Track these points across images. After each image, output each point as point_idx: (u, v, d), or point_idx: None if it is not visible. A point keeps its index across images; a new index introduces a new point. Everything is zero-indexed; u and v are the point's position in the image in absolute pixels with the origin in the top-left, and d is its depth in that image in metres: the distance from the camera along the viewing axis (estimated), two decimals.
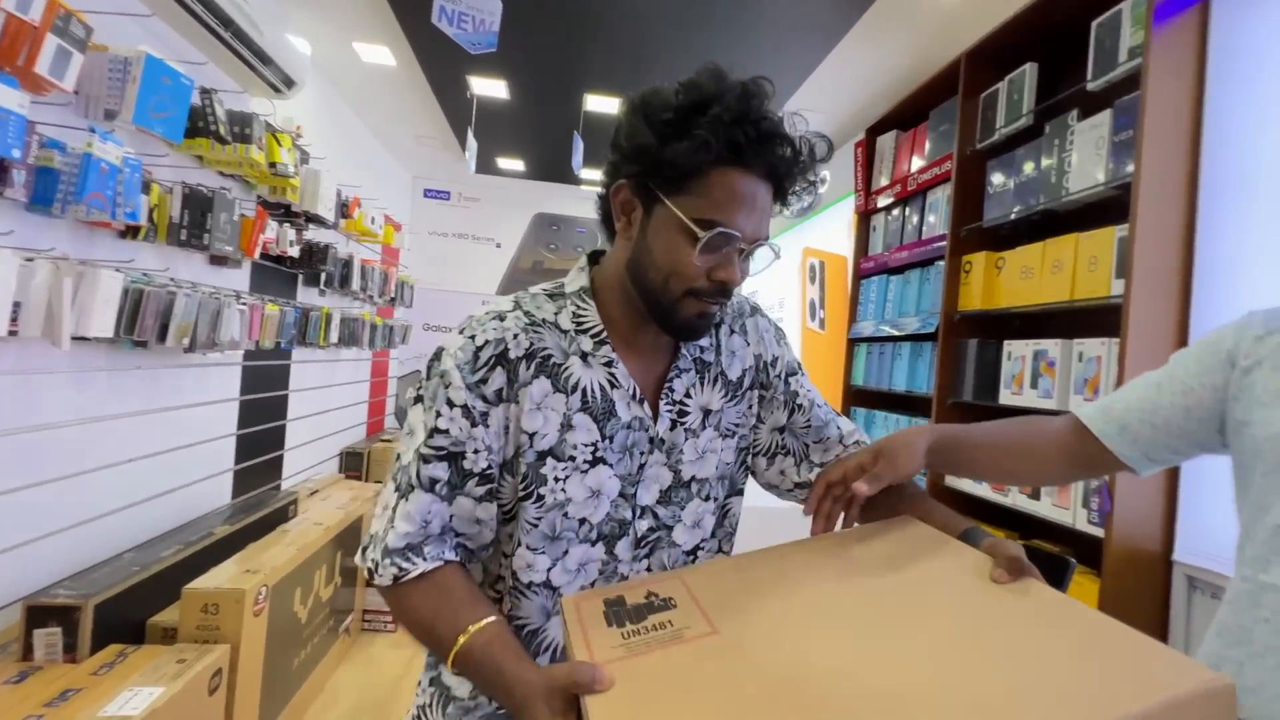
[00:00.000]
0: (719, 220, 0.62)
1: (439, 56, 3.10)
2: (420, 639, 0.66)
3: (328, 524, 2.40)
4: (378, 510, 0.69)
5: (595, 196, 0.74)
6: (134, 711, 1.33)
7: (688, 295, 0.65)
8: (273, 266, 2.85)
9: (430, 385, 0.67)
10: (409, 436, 0.68)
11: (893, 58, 2.71)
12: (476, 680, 0.63)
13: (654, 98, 0.64)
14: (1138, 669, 0.43)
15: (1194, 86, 1.40)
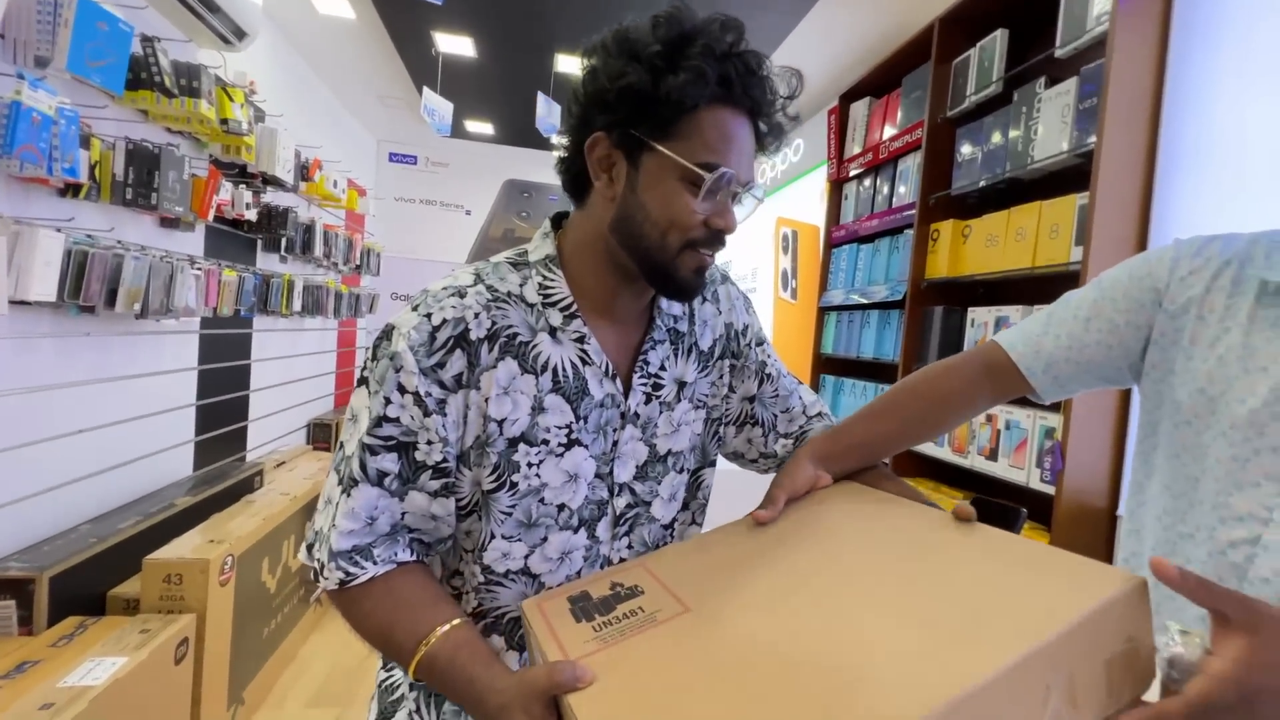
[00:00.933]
0: (717, 162, 0.59)
1: (400, 9, 2.96)
2: (377, 647, 0.62)
3: (295, 494, 2.36)
4: (320, 503, 0.63)
5: (557, 159, 0.68)
6: (95, 681, 1.30)
7: (686, 248, 0.61)
8: (229, 230, 2.73)
9: (378, 368, 0.60)
10: (352, 423, 0.62)
11: (867, 22, 2.68)
12: (444, 690, 0.58)
13: (631, 33, 0.59)
14: (1074, 581, 0.48)
15: (1157, 56, 1.42)
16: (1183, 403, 0.64)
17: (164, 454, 2.39)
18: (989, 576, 0.51)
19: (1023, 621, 0.44)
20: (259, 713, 2.03)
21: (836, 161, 2.73)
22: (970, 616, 0.46)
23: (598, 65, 0.61)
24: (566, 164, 0.66)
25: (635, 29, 0.60)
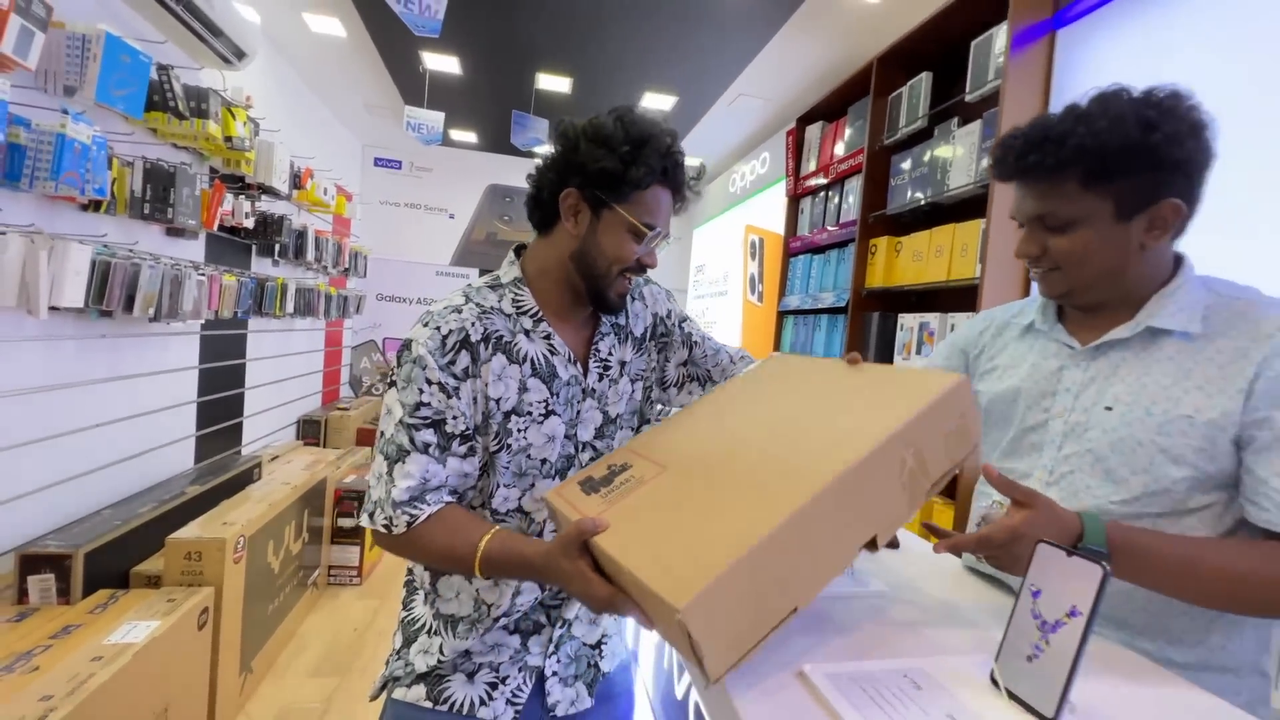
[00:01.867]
0: (655, 223, 0.85)
1: (390, 29, 3.15)
2: (441, 564, 0.81)
3: (294, 483, 2.55)
4: (371, 482, 0.80)
5: (528, 198, 0.90)
6: (136, 639, 1.50)
7: (620, 276, 0.86)
8: (227, 238, 2.90)
9: (404, 370, 0.80)
10: (388, 415, 0.81)
11: (818, 54, 2.94)
12: (503, 571, 0.76)
13: (604, 129, 0.81)
14: (922, 382, 0.72)
15: (1041, 104, 1.69)
16: (984, 407, 0.96)
17: (169, 447, 2.56)
18: (865, 391, 0.76)
19: (885, 416, 0.67)
20: (265, 680, 2.22)
21: (794, 178, 2.99)
22: (850, 419, 0.71)
23: (579, 145, 0.82)
24: (539, 204, 0.88)
25: (607, 125, 0.82)
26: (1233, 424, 0.72)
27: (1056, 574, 0.64)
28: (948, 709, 0.61)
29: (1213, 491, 0.75)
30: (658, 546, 0.63)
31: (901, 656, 0.71)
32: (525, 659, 0.89)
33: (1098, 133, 0.71)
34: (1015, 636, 0.65)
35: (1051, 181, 0.75)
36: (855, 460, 0.62)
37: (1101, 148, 0.71)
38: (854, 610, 0.84)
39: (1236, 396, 0.72)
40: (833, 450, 0.66)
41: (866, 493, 0.64)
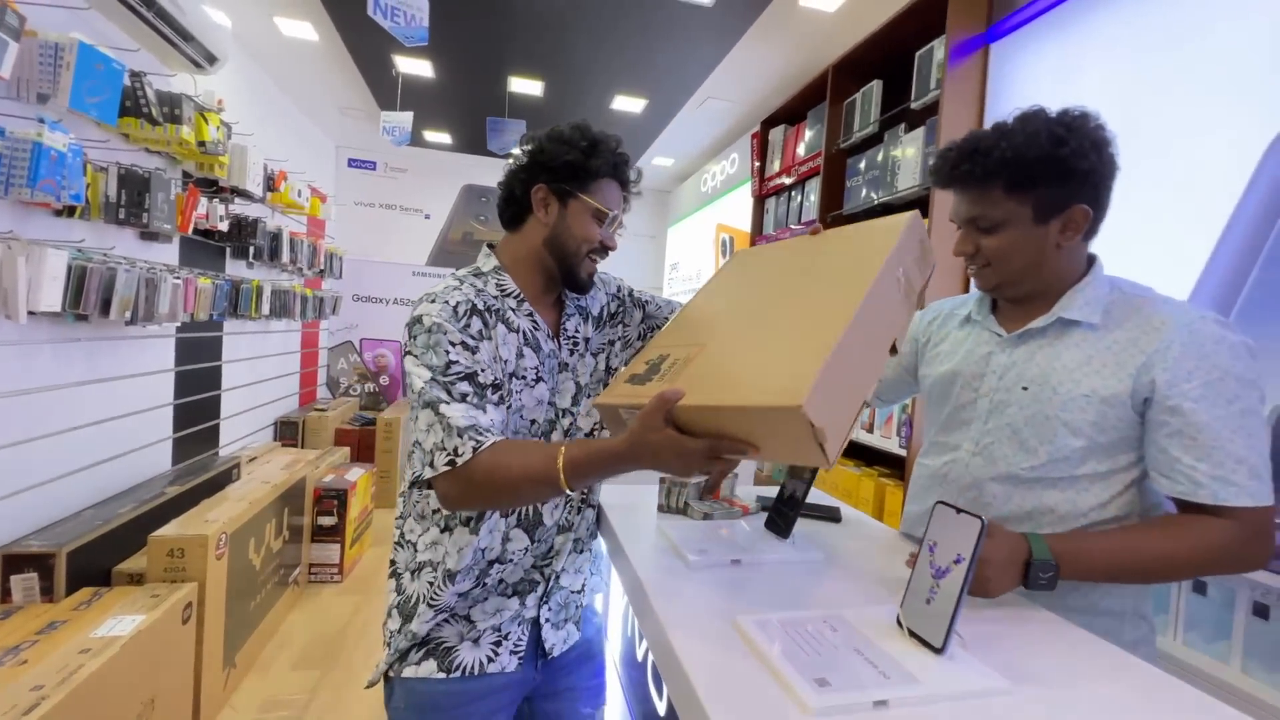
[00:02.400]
0: (613, 209, 0.99)
1: (362, 33, 3.19)
2: (519, 486, 0.81)
3: (274, 482, 2.59)
4: (421, 437, 0.84)
5: (500, 200, 1.02)
6: (123, 632, 1.55)
7: (588, 255, 0.98)
8: (201, 241, 2.92)
9: (423, 339, 0.86)
10: (411, 391, 0.87)
11: (782, 60, 3.06)
12: (589, 470, 0.79)
13: (563, 133, 0.97)
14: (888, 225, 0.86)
15: (977, 112, 1.82)
16: (927, 388, 1.09)
17: (147, 449, 2.58)
18: (845, 242, 0.89)
19: (873, 250, 0.79)
20: (250, 674, 2.27)
21: (758, 179, 3.10)
22: (847, 259, 0.83)
23: (544, 146, 0.97)
24: (511, 202, 1.00)
25: (565, 130, 0.98)
26: (1121, 402, 0.84)
27: (947, 529, 0.75)
28: (856, 645, 0.72)
29: (1103, 460, 0.86)
30: (743, 384, 0.70)
31: (825, 608, 0.82)
32: (522, 613, 0.98)
33: (1017, 146, 0.82)
34: (916, 583, 0.76)
35: (981, 189, 0.86)
36: (874, 276, 0.74)
37: (1020, 159, 0.82)
38: (792, 573, 0.95)
39: (1126, 380, 0.84)
40: (849, 279, 0.78)
41: (884, 303, 0.76)
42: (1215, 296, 1.23)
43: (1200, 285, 1.26)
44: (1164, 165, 1.39)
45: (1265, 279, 1.14)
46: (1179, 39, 1.38)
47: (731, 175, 4.33)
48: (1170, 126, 1.38)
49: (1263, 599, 1.15)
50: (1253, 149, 1.21)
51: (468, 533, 0.93)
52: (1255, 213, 1.17)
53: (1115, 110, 1.51)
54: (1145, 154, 1.42)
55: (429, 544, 0.95)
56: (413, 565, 0.96)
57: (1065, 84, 1.63)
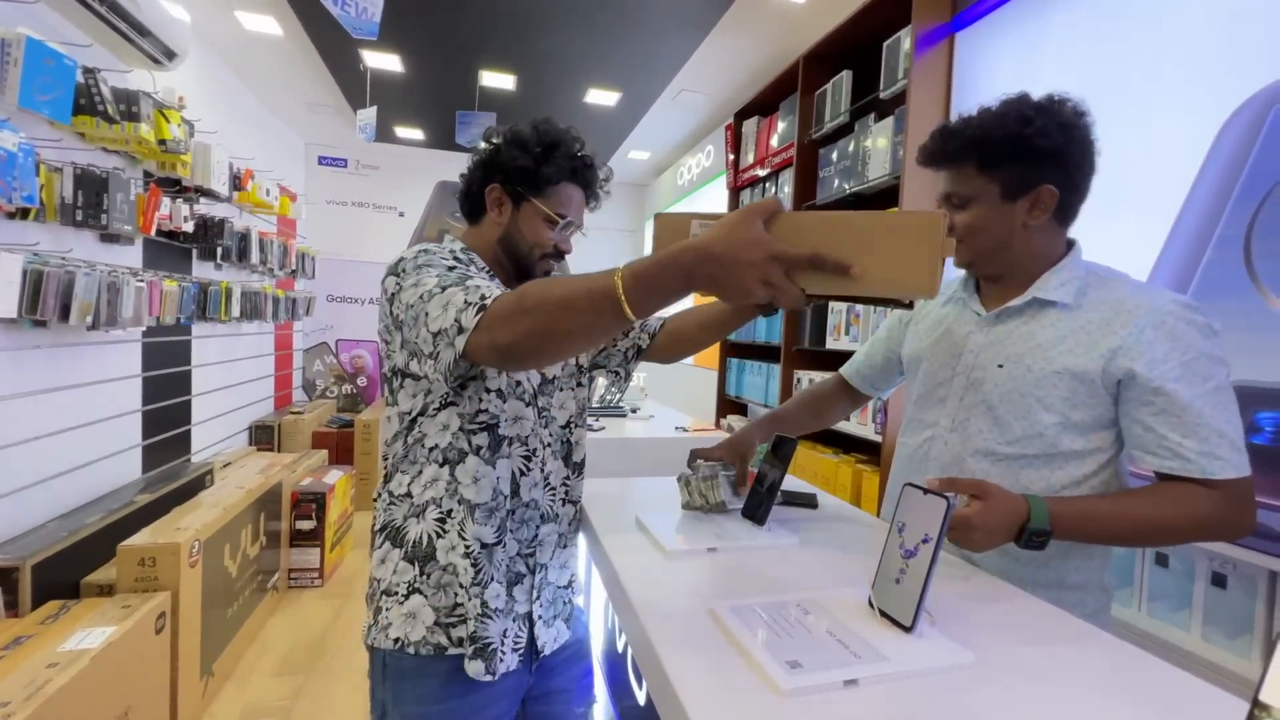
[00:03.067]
0: (567, 214, 0.98)
1: (327, 28, 3.12)
2: (574, 299, 0.66)
3: (249, 487, 2.55)
4: (438, 315, 0.75)
5: (460, 193, 1.01)
6: (92, 645, 1.51)
7: (542, 259, 0.98)
8: (166, 242, 2.84)
9: (414, 262, 0.84)
10: (419, 288, 0.80)
11: (753, 51, 3.07)
12: (657, 284, 0.63)
13: (521, 135, 0.96)
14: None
15: (943, 101, 1.85)
16: (906, 358, 1.12)
17: (114, 457, 2.52)
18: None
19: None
20: (228, 683, 2.23)
21: (733, 171, 3.11)
22: None
23: (500, 147, 0.96)
24: (469, 197, 1.00)
25: (525, 131, 0.96)
26: (1091, 380, 0.86)
27: (915, 509, 0.76)
28: (828, 626, 0.73)
29: (1077, 438, 0.89)
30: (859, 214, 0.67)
31: (799, 592, 0.83)
32: (515, 608, 0.96)
33: (986, 125, 0.86)
34: (886, 564, 0.77)
35: (957, 166, 0.90)
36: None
37: (988, 138, 0.86)
38: (768, 559, 0.96)
39: (1098, 359, 0.86)
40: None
41: None
42: (1172, 276, 1.27)
43: (1158, 267, 1.30)
44: (1121, 149, 1.42)
45: (1219, 259, 1.18)
46: (1134, 26, 1.41)
47: (707, 168, 4.34)
48: (1127, 111, 1.42)
49: (1220, 569, 1.19)
50: (1206, 132, 1.24)
51: (481, 462, 0.91)
52: (1208, 195, 1.21)
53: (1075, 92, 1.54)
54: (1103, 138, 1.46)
55: (428, 482, 0.92)
56: (413, 511, 0.92)
57: (1026, 72, 1.66)
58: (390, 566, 0.92)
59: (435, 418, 0.92)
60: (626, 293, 0.63)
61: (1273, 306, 1.10)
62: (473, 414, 0.92)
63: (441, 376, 0.78)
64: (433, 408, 0.92)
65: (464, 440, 0.91)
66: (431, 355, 0.78)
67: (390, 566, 0.92)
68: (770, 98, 2.83)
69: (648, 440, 2.09)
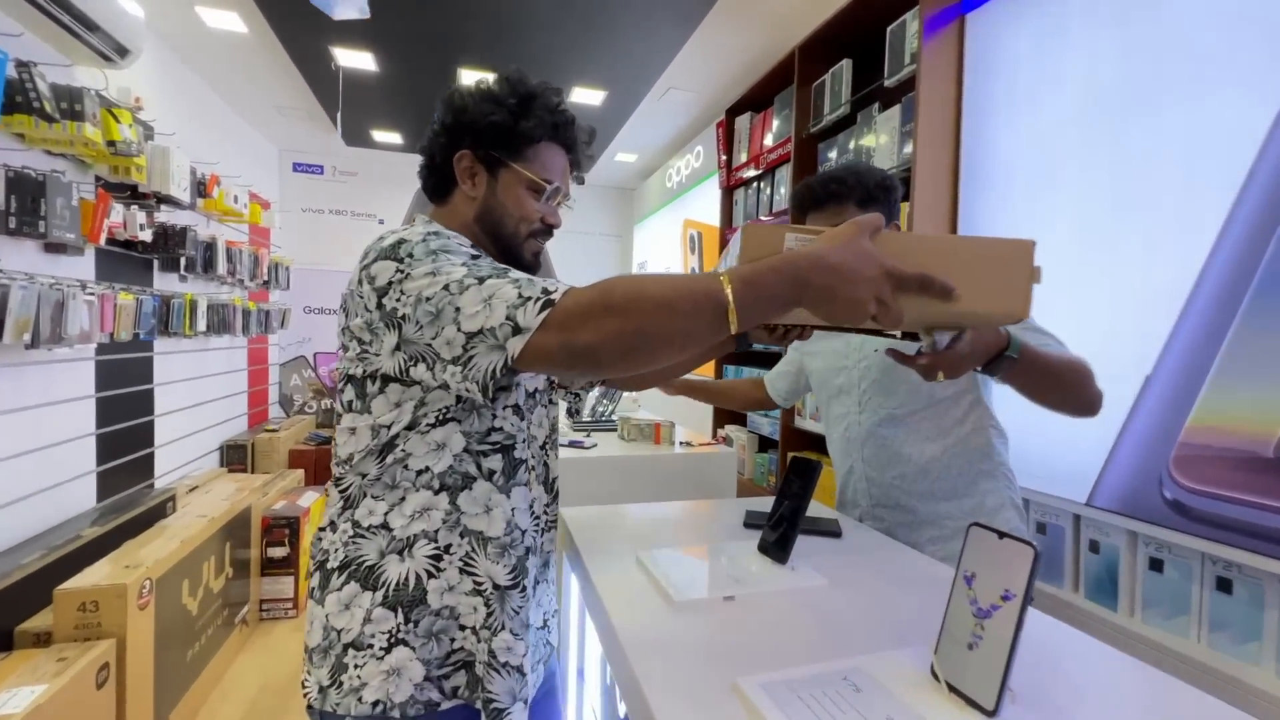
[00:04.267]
0: (553, 178, 0.83)
1: (295, 25, 2.95)
2: (673, 299, 0.59)
3: (212, 515, 2.36)
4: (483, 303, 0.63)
5: (421, 167, 0.86)
6: (15, 710, 1.33)
7: (529, 237, 0.84)
8: (122, 253, 2.65)
9: (421, 250, 0.69)
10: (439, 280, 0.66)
11: (744, 44, 2.94)
12: (769, 291, 0.59)
13: (494, 87, 0.81)
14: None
15: (955, 87, 1.73)
16: (814, 381, 1.36)
17: (64, 487, 2.31)
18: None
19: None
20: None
21: (726, 170, 2.98)
22: None
23: (467, 105, 0.80)
24: (432, 171, 0.85)
25: (495, 85, 0.82)
26: None
27: (989, 557, 0.61)
28: (887, 711, 0.58)
29: (948, 386, 1.13)
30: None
31: (841, 656, 0.68)
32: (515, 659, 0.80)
33: (863, 174, 1.08)
34: (953, 624, 0.63)
35: (840, 206, 1.08)
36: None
37: (864, 185, 1.07)
38: (795, 607, 0.81)
39: None
40: None
41: None
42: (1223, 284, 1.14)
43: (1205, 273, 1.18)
44: (1153, 144, 1.30)
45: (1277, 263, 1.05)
46: (1172, 6, 1.29)
47: (697, 169, 4.21)
48: (1163, 99, 1.29)
49: (1225, 573, 1.07)
50: (1257, 121, 1.12)
51: (494, 489, 0.78)
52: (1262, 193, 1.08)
53: (1103, 78, 1.42)
54: (1131, 132, 1.33)
55: (416, 512, 0.75)
56: (394, 547, 0.75)
57: (1046, 54, 1.54)
58: (358, 614, 0.74)
59: (427, 435, 0.75)
60: (736, 298, 0.59)
61: None
62: (483, 433, 0.78)
63: (476, 386, 0.65)
64: (425, 422, 0.75)
65: (471, 463, 0.77)
66: (460, 360, 0.65)
67: (358, 614, 0.74)
68: (764, 92, 2.70)
69: (645, 459, 1.94)
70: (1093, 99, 1.43)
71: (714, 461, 1.99)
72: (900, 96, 1.82)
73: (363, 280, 0.72)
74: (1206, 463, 1.15)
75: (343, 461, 0.78)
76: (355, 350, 0.75)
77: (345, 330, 0.76)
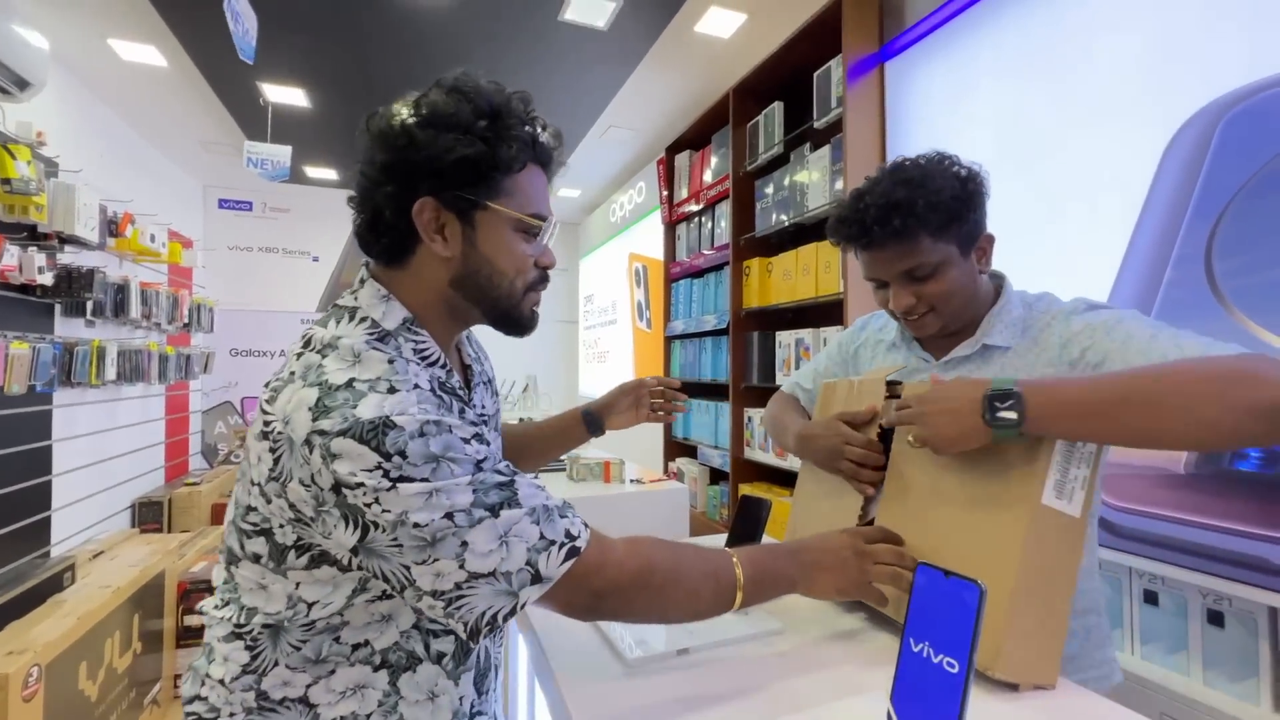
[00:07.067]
0: (542, 212, 0.67)
1: (219, 59, 2.85)
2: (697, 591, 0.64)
3: (117, 585, 2.13)
4: (497, 541, 0.54)
5: (360, 228, 0.67)
6: None
7: (528, 290, 0.68)
8: (18, 297, 2.43)
9: (418, 448, 0.53)
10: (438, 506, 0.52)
11: (681, 85, 3.04)
12: (766, 579, 0.69)
13: (442, 108, 0.62)
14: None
15: (878, 129, 1.83)
16: None
17: None
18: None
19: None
20: None
21: (668, 206, 3.04)
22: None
23: (416, 138, 0.61)
24: (381, 230, 0.65)
25: (443, 103, 0.63)
26: None
27: (936, 598, 0.61)
28: None
29: None
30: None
31: (798, 707, 0.66)
32: None
33: (937, 191, 0.83)
34: (905, 668, 0.62)
35: (911, 241, 0.84)
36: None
37: (941, 203, 0.83)
38: (751, 658, 0.79)
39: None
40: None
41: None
42: (1134, 299, 1.23)
43: (1115, 289, 1.26)
44: (1064, 171, 1.41)
45: (1179, 278, 1.15)
46: (1066, 47, 1.42)
47: (640, 204, 4.28)
48: (1066, 132, 1.40)
49: (1215, 605, 1.12)
50: (1148, 150, 1.23)
51: (442, 674, 0.65)
52: (1162, 214, 1.19)
53: (1008, 120, 1.53)
54: (1044, 160, 1.44)
55: (347, 690, 0.62)
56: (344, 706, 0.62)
57: (959, 97, 1.65)
58: None
59: (371, 605, 0.62)
60: (745, 595, 0.66)
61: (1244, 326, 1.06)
62: None
63: (462, 625, 0.55)
64: (365, 597, 0.61)
65: (419, 642, 0.65)
66: (447, 595, 0.54)
67: None
68: (702, 131, 2.79)
69: (596, 499, 1.89)
70: (1000, 136, 1.54)
71: (666, 498, 1.96)
72: (829, 137, 1.91)
73: (313, 445, 0.53)
74: (1129, 481, 1.22)
75: (249, 609, 0.61)
76: (284, 513, 0.58)
77: (273, 481, 0.57)
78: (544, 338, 5.93)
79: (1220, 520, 1.08)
